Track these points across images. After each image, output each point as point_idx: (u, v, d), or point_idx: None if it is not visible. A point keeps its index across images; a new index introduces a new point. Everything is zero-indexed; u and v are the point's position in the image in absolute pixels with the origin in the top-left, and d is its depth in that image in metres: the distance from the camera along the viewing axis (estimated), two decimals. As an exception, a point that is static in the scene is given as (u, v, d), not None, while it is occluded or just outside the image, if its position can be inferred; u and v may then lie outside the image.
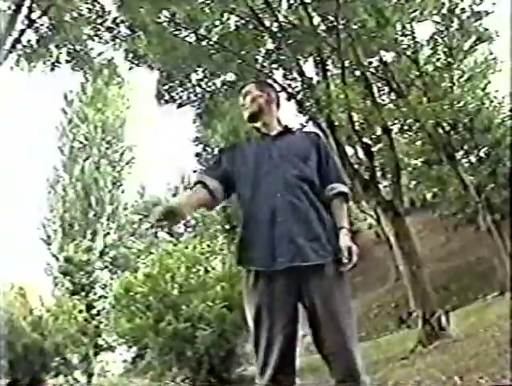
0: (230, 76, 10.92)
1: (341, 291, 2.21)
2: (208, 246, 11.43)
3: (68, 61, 10.15)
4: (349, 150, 11.84)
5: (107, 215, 25.85)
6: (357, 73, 10.64)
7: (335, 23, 9.65)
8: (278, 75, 11.11)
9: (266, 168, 2.38)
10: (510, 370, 4.17)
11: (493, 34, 11.89)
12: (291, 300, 2.18)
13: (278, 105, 2.68)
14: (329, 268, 2.20)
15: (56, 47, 9.94)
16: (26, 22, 9.07)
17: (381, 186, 11.42)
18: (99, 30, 9.95)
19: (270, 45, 10.77)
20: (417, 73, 12.42)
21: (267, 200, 2.29)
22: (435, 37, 12.34)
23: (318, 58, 10.32)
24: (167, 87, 10.85)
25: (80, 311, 15.73)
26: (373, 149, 12.10)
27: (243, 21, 10.28)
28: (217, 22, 10.26)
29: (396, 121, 12.85)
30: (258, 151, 2.47)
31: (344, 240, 2.24)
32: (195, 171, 24.59)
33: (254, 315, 2.22)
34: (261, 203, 2.31)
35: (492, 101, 15.63)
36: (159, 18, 9.63)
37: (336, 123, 9.74)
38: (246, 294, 2.29)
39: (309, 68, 10.99)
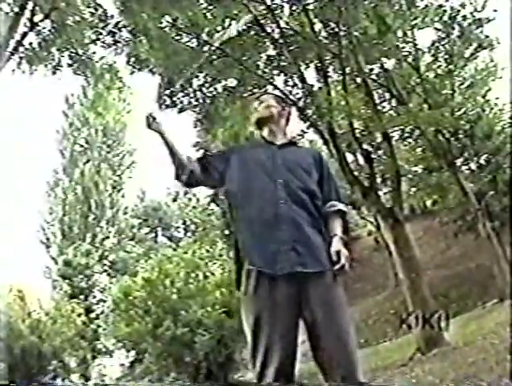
0: (231, 82, 10.94)
1: (339, 299, 2.24)
2: (208, 251, 11.43)
3: (69, 65, 10.16)
4: (350, 157, 11.83)
5: (107, 218, 25.83)
6: (358, 80, 10.65)
7: (336, 30, 9.68)
8: (280, 81, 11.13)
9: (269, 174, 2.42)
10: (510, 378, 4.16)
11: (494, 42, 11.91)
12: (291, 308, 2.18)
13: (287, 121, 2.75)
14: (327, 277, 2.23)
15: (58, 50, 9.95)
16: (28, 24, 9.08)
17: (381, 192, 11.42)
18: (101, 34, 9.96)
19: (271, 51, 10.78)
20: (418, 80, 12.44)
21: (269, 206, 2.32)
22: (436, 44, 12.36)
23: (319, 64, 10.34)
24: (168, 92, 10.86)
25: (79, 315, 15.70)
26: (374, 155, 12.11)
27: (245, 27, 10.30)
28: (219, 28, 10.28)
29: (396, 128, 12.86)
30: (262, 156, 2.51)
31: (335, 244, 2.31)
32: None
33: (254, 322, 2.21)
34: (262, 208, 2.33)
35: (492, 108, 15.65)
36: (161, 23, 9.65)
37: (337, 130, 9.75)
38: (245, 299, 2.29)
39: (310, 75, 11.00)
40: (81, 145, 26.81)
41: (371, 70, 11.52)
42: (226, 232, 19.80)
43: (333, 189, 2.54)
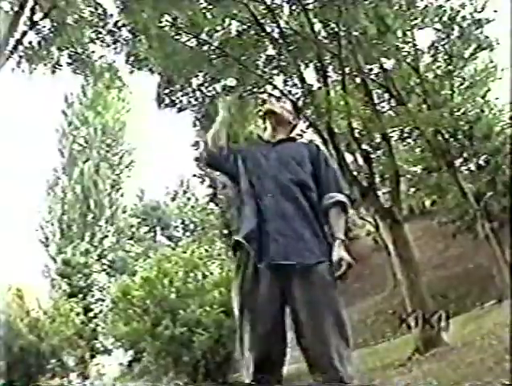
0: (231, 81, 10.94)
1: (326, 297, 2.18)
2: (206, 251, 11.45)
3: (69, 64, 10.15)
4: (349, 157, 11.82)
5: (106, 217, 25.85)
6: (358, 80, 10.66)
7: (336, 30, 9.69)
8: (279, 80, 11.14)
9: (262, 170, 2.45)
10: (510, 378, 4.16)
11: (494, 42, 11.90)
12: (274, 300, 2.18)
13: (293, 127, 2.77)
14: (314, 273, 2.19)
15: (58, 49, 9.94)
16: (28, 23, 9.07)
17: (380, 193, 11.41)
18: (101, 33, 9.95)
19: (271, 51, 10.79)
20: (417, 80, 12.44)
21: (259, 200, 2.35)
22: (436, 44, 12.36)
23: (319, 64, 10.34)
24: (167, 91, 10.86)
25: (77, 314, 15.72)
26: (373, 156, 12.10)
27: (245, 26, 10.31)
28: (219, 28, 10.28)
29: (396, 128, 12.85)
30: (257, 155, 2.55)
31: (337, 251, 2.23)
32: (194, 175, 24.59)
33: (239, 308, 2.25)
34: (253, 202, 2.36)
35: (492, 109, 15.62)
36: (161, 22, 9.65)
37: (336, 130, 9.75)
38: (234, 285, 2.34)
39: (310, 75, 11.00)
40: (80, 144, 26.82)
41: (370, 70, 11.52)
42: (225, 231, 19.80)
43: (332, 180, 2.47)
